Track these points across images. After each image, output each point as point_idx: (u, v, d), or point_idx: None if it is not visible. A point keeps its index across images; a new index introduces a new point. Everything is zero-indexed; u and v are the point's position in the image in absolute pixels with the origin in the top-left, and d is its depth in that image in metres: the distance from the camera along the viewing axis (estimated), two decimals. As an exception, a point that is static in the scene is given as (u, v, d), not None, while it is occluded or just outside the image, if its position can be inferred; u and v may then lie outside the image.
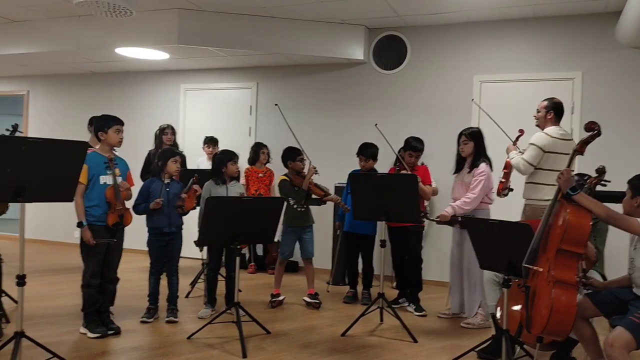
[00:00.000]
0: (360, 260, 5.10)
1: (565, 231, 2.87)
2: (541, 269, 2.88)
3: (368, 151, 4.88)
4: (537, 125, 4.39)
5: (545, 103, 4.27)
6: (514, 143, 4.29)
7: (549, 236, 2.97)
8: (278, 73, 6.78)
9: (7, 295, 4.16)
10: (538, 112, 4.30)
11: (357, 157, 4.95)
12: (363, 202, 4.15)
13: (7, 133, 4.71)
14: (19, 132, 4.85)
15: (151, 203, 4.02)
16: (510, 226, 3.08)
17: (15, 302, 3.59)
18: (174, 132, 5.78)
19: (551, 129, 4.06)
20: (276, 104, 5.14)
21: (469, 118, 5.77)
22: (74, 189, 3.09)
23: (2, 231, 7.93)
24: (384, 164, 5.22)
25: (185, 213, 4.17)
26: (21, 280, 2.83)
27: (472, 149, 4.32)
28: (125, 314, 4.18)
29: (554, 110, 4.13)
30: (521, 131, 4.34)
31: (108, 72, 7.60)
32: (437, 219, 4.29)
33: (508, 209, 4.38)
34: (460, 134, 4.41)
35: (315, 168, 4.68)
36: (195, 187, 4.25)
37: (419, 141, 4.77)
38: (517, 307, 3.26)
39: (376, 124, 4.73)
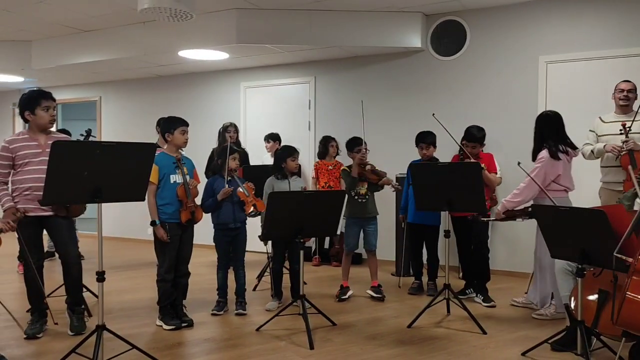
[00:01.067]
0: (424, 251, 5.04)
1: None
2: (631, 260, 2.73)
3: (428, 138, 4.82)
4: (623, 106, 4.22)
5: (633, 84, 4.27)
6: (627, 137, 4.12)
7: None
8: (335, 66, 6.79)
9: (88, 290, 4.43)
10: (631, 92, 4.24)
11: (417, 146, 4.88)
12: (425, 193, 4.08)
13: (82, 138, 4.99)
14: (92, 136, 5.13)
15: (218, 195, 4.11)
16: (583, 213, 2.94)
17: (96, 296, 3.81)
18: (236, 130, 5.92)
19: None
20: (362, 101, 4.90)
21: (535, 101, 5.54)
22: (145, 189, 3.22)
23: (82, 230, 8.43)
24: (444, 153, 5.11)
25: (259, 213, 4.20)
26: (101, 277, 2.99)
27: (535, 135, 4.15)
28: (197, 306, 4.34)
29: None
30: (624, 124, 4.14)
31: (172, 75, 7.89)
32: (494, 219, 4.16)
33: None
34: None
35: (363, 155, 4.66)
36: (249, 184, 4.25)
37: (479, 129, 4.62)
38: (592, 297, 3.13)
39: (434, 114, 4.62)
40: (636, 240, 2.81)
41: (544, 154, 3.99)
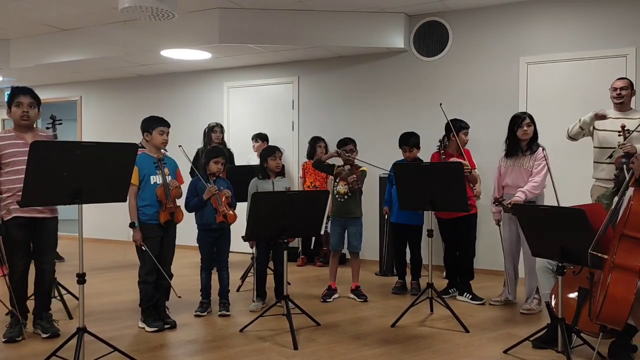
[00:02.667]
0: (408, 250, 5.07)
1: (628, 216, 2.76)
2: (606, 256, 2.77)
3: (411, 140, 4.84)
4: (619, 103, 4.24)
5: (628, 81, 4.25)
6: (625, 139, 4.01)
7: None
8: (319, 66, 6.78)
9: (68, 292, 4.38)
10: (624, 89, 4.22)
11: (400, 148, 4.91)
12: (409, 193, 4.10)
13: (50, 126, 4.89)
14: (58, 121, 4.99)
15: (204, 194, 4.09)
16: (563, 212, 2.99)
17: (77, 298, 3.76)
18: (222, 131, 5.91)
19: None
20: (441, 103, 4.74)
21: (515, 102, 5.60)
22: (126, 190, 3.19)
23: (63, 232, 8.32)
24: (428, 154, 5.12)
25: (228, 224, 4.15)
26: (81, 278, 2.96)
27: (533, 132, 4.24)
28: (180, 308, 4.30)
29: None
30: (623, 126, 4.05)
31: (154, 75, 7.81)
32: (509, 206, 4.06)
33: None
34: (522, 117, 4.26)
35: (337, 152, 4.73)
36: (225, 191, 4.16)
37: (461, 120, 4.73)
38: (572, 295, 3.17)
39: (441, 104, 4.68)
40: (612, 236, 2.86)
41: (545, 153, 4.15)
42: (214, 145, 5.37)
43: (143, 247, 3.74)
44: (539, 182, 4.13)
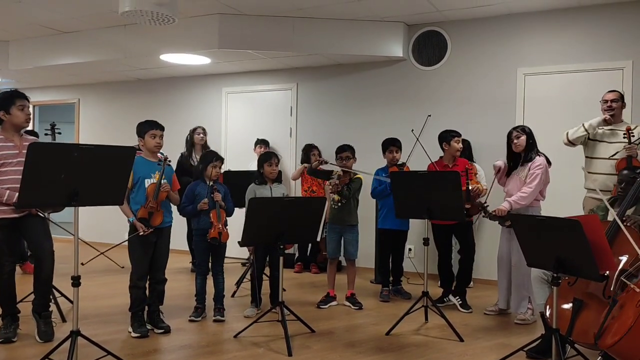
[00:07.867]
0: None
1: None
2: (638, 289, 2.75)
3: (398, 141, 5.04)
4: (610, 116, 4.28)
5: (618, 93, 4.30)
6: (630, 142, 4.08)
7: None
8: (317, 73, 6.81)
9: (63, 295, 4.36)
10: (615, 102, 4.27)
11: (387, 149, 5.03)
12: (405, 201, 4.11)
13: (49, 133, 4.94)
14: (57, 129, 5.03)
15: (198, 204, 4.11)
16: (559, 222, 2.99)
17: (71, 302, 3.74)
18: (204, 132, 5.99)
19: None
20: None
21: (513, 113, 5.64)
22: (124, 193, 3.19)
23: (56, 234, 8.28)
24: (418, 164, 5.12)
25: (220, 243, 4.14)
26: (76, 281, 2.94)
27: (525, 142, 4.24)
28: (174, 313, 4.29)
29: None
30: (628, 129, 4.14)
31: (153, 79, 7.82)
32: (494, 213, 4.14)
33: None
34: (511, 131, 4.33)
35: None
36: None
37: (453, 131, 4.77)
38: (567, 306, 3.18)
39: (412, 130, 4.78)
40: (612, 256, 2.85)
41: (541, 161, 4.15)
42: (208, 150, 5.36)
43: (145, 232, 3.71)
44: (528, 193, 4.09)
